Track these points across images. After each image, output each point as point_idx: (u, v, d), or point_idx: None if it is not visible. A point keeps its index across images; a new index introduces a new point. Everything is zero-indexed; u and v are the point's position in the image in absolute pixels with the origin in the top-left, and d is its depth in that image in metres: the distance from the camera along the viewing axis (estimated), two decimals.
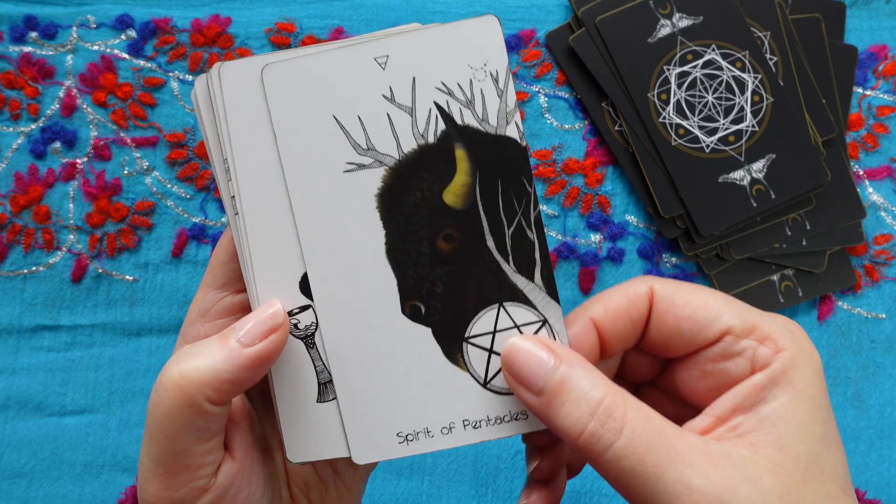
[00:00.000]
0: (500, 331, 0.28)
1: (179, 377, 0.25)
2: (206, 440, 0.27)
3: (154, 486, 0.26)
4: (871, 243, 0.51)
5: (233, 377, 0.26)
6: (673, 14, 0.49)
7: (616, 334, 0.28)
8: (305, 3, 0.51)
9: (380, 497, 0.48)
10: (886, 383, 0.50)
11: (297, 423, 0.28)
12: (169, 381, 0.26)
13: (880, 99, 0.52)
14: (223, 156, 0.27)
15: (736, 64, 0.49)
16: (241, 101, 0.27)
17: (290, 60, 0.27)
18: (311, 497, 0.32)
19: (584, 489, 0.48)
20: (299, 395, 0.28)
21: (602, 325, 0.28)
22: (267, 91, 0.27)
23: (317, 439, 0.28)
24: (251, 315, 0.27)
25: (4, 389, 0.48)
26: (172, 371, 0.26)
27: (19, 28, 0.50)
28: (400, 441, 0.28)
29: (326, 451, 0.28)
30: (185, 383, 0.25)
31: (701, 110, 0.49)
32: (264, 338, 0.26)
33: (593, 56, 0.50)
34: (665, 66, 0.49)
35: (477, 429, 0.28)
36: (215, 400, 0.26)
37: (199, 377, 0.25)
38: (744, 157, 0.49)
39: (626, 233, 0.51)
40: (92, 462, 0.48)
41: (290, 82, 0.27)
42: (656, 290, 0.27)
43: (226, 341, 0.26)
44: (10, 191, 0.49)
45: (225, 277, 0.29)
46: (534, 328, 0.28)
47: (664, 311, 0.27)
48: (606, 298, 0.28)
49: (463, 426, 0.28)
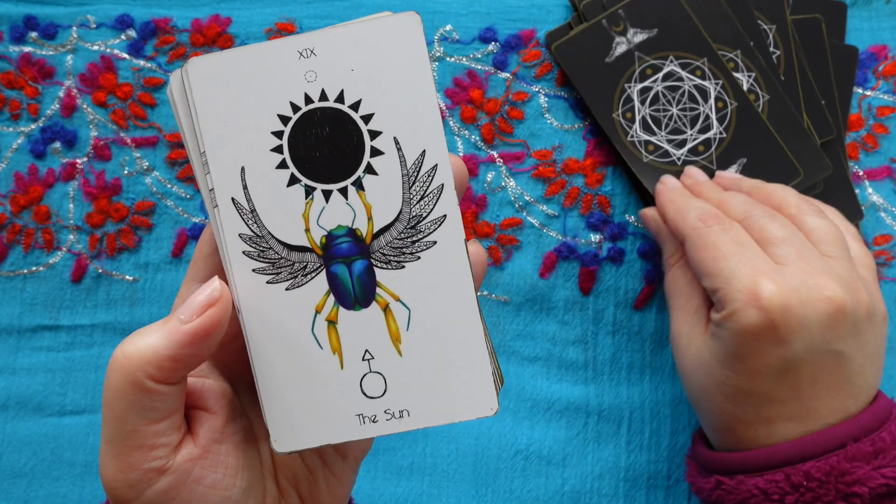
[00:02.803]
0: None
1: (122, 356, 0.26)
2: (157, 420, 0.27)
3: (110, 468, 0.27)
4: (871, 244, 0.51)
5: (172, 353, 0.26)
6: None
7: None
8: (305, 3, 0.51)
9: (380, 497, 0.48)
10: (886, 383, 0.50)
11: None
12: (113, 361, 0.26)
13: (880, 99, 0.52)
14: (200, 149, 0.28)
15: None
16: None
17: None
18: (300, 488, 0.32)
19: (584, 489, 0.49)
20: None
21: None
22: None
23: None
24: (192, 294, 0.27)
25: (4, 389, 0.49)
26: (117, 352, 0.27)
27: (19, 28, 0.50)
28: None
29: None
30: (127, 362, 0.26)
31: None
32: (202, 313, 0.26)
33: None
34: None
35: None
36: (158, 378, 0.26)
37: (139, 355, 0.26)
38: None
39: (627, 233, 0.51)
40: (92, 462, 0.48)
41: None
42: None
43: (167, 320, 0.27)
44: (10, 191, 0.49)
45: (208, 270, 0.30)
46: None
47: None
48: None
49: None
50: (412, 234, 0.28)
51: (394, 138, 0.28)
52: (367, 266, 0.28)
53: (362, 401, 0.29)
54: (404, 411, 0.29)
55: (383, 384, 0.29)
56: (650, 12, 0.49)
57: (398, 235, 0.28)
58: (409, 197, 0.28)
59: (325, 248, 0.28)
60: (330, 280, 0.28)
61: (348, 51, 0.28)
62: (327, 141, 0.28)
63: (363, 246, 0.28)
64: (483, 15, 0.51)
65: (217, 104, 0.28)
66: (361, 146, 0.28)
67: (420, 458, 0.49)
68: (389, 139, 0.28)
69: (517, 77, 0.51)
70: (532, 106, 0.51)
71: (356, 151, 0.28)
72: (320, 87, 0.28)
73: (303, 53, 0.28)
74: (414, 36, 0.28)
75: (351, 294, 0.28)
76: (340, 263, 0.28)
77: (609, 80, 0.50)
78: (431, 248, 0.28)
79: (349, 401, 0.29)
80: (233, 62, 0.28)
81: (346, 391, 0.29)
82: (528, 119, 0.51)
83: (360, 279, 0.28)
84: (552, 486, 0.48)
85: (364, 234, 0.28)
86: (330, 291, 0.29)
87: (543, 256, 0.50)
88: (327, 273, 0.28)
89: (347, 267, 0.28)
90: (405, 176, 0.28)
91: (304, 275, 0.28)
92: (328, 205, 0.28)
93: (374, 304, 0.28)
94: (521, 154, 0.51)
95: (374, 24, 0.28)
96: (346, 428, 0.29)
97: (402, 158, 0.28)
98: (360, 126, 0.28)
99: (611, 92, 0.50)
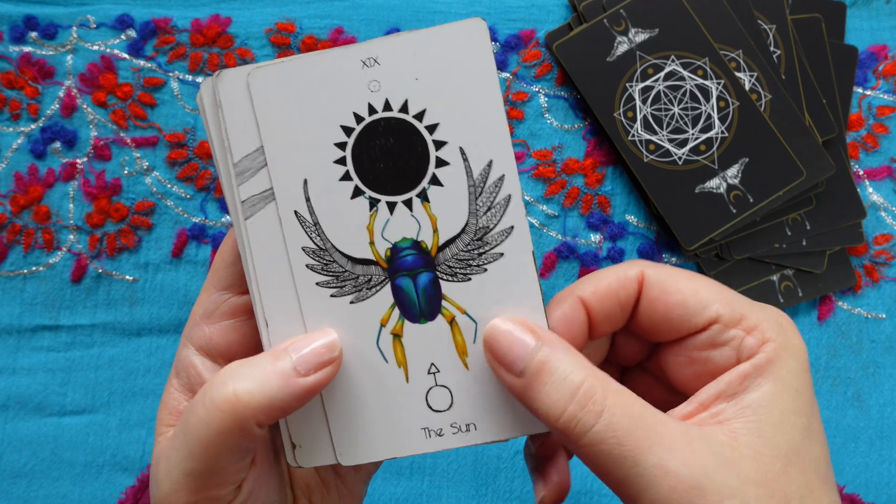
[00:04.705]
0: None
1: (235, 399, 0.25)
2: (245, 458, 0.27)
3: (183, 497, 0.26)
4: (871, 243, 0.51)
5: (286, 405, 0.25)
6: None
7: (604, 315, 0.28)
8: (305, 3, 0.51)
9: (380, 497, 0.48)
10: (886, 383, 0.50)
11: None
12: (223, 401, 0.25)
13: (880, 99, 0.52)
14: (230, 161, 0.28)
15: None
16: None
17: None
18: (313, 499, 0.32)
19: (584, 489, 0.48)
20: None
21: (591, 305, 0.28)
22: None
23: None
24: (305, 340, 0.27)
25: (4, 389, 0.49)
26: (227, 391, 0.25)
27: (19, 28, 0.50)
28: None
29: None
30: (240, 407, 0.25)
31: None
32: (320, 369, 0.26)
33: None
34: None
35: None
36: (264, 424, 0.26)
37: (254, 402, 0.25)
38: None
39: (626, 233, 0.51)
40: (92, 462, 0.48)
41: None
42: (648, 275, 0.27)
43: (276, 361, 0.26)
44: (10, 191, 0.49)
45: (230, 279, 0.29)
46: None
47: (654, 297, 0.27)
48: (597, 279, 0.28)
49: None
50: (479, 246, 0.28)
51: (460, 148, 0.27)
52: (432, 279, 0.28)
53: (428, 414, 0.28)
54: (471, 425, 0.28)
55: (450, 398, 0.28)
56: (651, 12, 0.49)
57: (464, 247, 0.28)
58: (476, 208, 0.27)
59: (390, 261, 0.28)
60: (395, 293, 0.28)
61: (412, 59, 0.27)
62: (391, 152, 0.27)
63: (428, 258, 0.28)
64: (483, 15, 0.51)
65: (279, 115, 0.27)
66: (426, 157, 0.27)
67: (420, 458, 0.49)
68: (455, 149, 0.27)
69: (517, 77, 0.51)
70: (532, 106, 0.51)
71: (421, 162, 0.27)
72: (384, 97, 0.27)
73: (366, 63, 0.27)
74: (479, 42, 0.27)
75: (416, 307, 0.28)
76: (405, 276, 0.28)
77: (610, 79, 0.50)
78: (498, 260, 0.28)
79: (415, 414, 0.28)
80: (295, 72, 0.27)
81: (412, 405, 0.28)
82: (527, 119, 0.51)
83: (426, 292, 0.28)
84: None
85: (429, 247, 0.28)
86: (395, 305, 0.28)
87: (543, 256, 0.50)
88: (392, 286, 0.28)
89: (413, 280, 0.28)
90: (471, 187, 0.27)
91: (369, 288, 0.28)
92: (392, 217, 0.28)
93: (440, 317, 0.28)
94: (521, 154, 0.51)
95: (438, 32, 0.27)
96: (412, 442, 0.28)
97: (469, 169, 0.27)
98: (425, 136, 0.27)
99: (612, 91, 0.50)
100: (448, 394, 0.28)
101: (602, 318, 0.28)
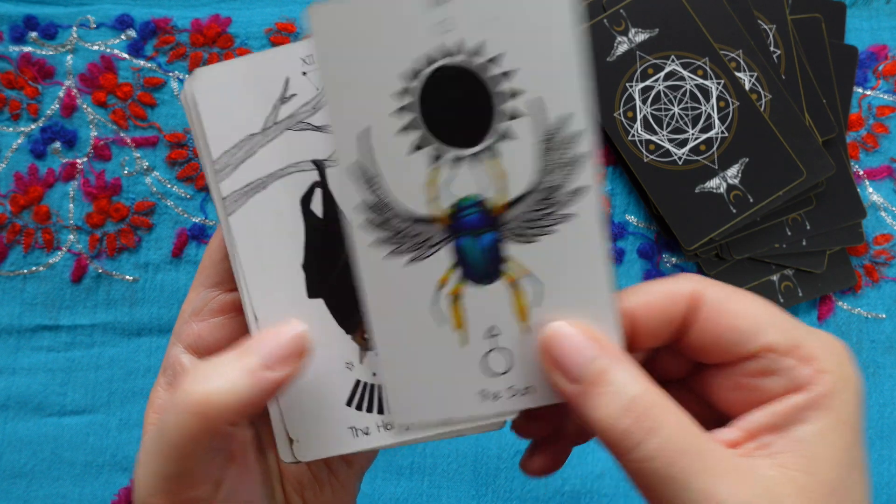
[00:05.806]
0: None
1: (205, 400, 0.24)
2: (220, 457, 0.26)
3: (160, 500, 0.26)
4: (871, 243, 0.51)
5: (256, 400, 0.25)
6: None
7: (649, 330, 0.27)
8: (305, 3, 0.51)
9: (380, 497, 0.48)
10: (886, 383, 0.50)
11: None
12: (193, 403, 0.24)
13: (880, 99, 0.52)
14: (211, 156, 0.27)
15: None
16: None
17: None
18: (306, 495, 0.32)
19: (585, 489, 0.48)
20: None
21: (637, 319, 0.27)
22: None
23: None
24: (271, 334, 0.26)
25: (4, 389, 0.48)
26: (195, 393, 0.25)
27: (19, 28, 0.50)
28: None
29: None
30: (209, 408, 0.24)
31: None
32: (289, 363, 0.26)
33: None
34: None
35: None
36: (236, 422, 0.25)
37: (223, 402, 0.24)
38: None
39: (626, 233, 0.51)
40: (92, 462, 0.48)
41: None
42: (706, 295, 0.26)
43: (242, 357, 0.25)
44: (10, 191, 0.49)
45: (217, 276, 0.29)
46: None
47: (709, 318, 0.26)
48: (647, 292, 0.27)
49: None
50: (548, 207, 0.26)
51: (539, 98, 0.25)
52: (495, 239, 0.26)
53: (485, 377, 0.27)
54: (529, 388, 0.27)
55: (508, 361, 0.27)
56: (651, 12, 0.49)
57: (533, 207, 0.26)
58: (548, 165, 0.25)
59: (452, 220, 0.26)
60: (456, 253, 0.26)
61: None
62: (461, 101, 0.25)
63: (494, 218, 0.26)
64: None
65: (340, 56, 0.25)
66: (500, 107, 0.25)
67: (420, 458, 0.49)
68: (532, 99, 0.25)
69: None
70: None
71: (492, 113, 0.25)
72: (460, 37, 0.24)
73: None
74: None
75: (479, 268, 0.26)
76: (468, 236, 0.26)
77: (610, 79, 0.50)
78: (568, 221, 0.26)
79: (472, 376, 0.27)
80: (358, 10, 0.25)
81: (469, 367, 0.27)
82: None
83: (489, 253, 0.26)
84: (552, 486, 0.48)
85: (495, 205, 0.26)
86: (455, 265, 0.26)
87: None
88: (454, 246, 0.26)
89: (475, 240, 0.26)
90: (546, 142, 0.25)
91: (429, 247, 0.26)
92: (457, 172, 0.26)
93: (502, 279, 0.26)
94: None
95: None
96: (469, 404, 0.27)
97: (545, 122, 0.25)
98: (500, 84, 0.25)
99: (612, 91, 0.50)
100: (507, 356, 0.27)
101: (646, 333, 0.27)
